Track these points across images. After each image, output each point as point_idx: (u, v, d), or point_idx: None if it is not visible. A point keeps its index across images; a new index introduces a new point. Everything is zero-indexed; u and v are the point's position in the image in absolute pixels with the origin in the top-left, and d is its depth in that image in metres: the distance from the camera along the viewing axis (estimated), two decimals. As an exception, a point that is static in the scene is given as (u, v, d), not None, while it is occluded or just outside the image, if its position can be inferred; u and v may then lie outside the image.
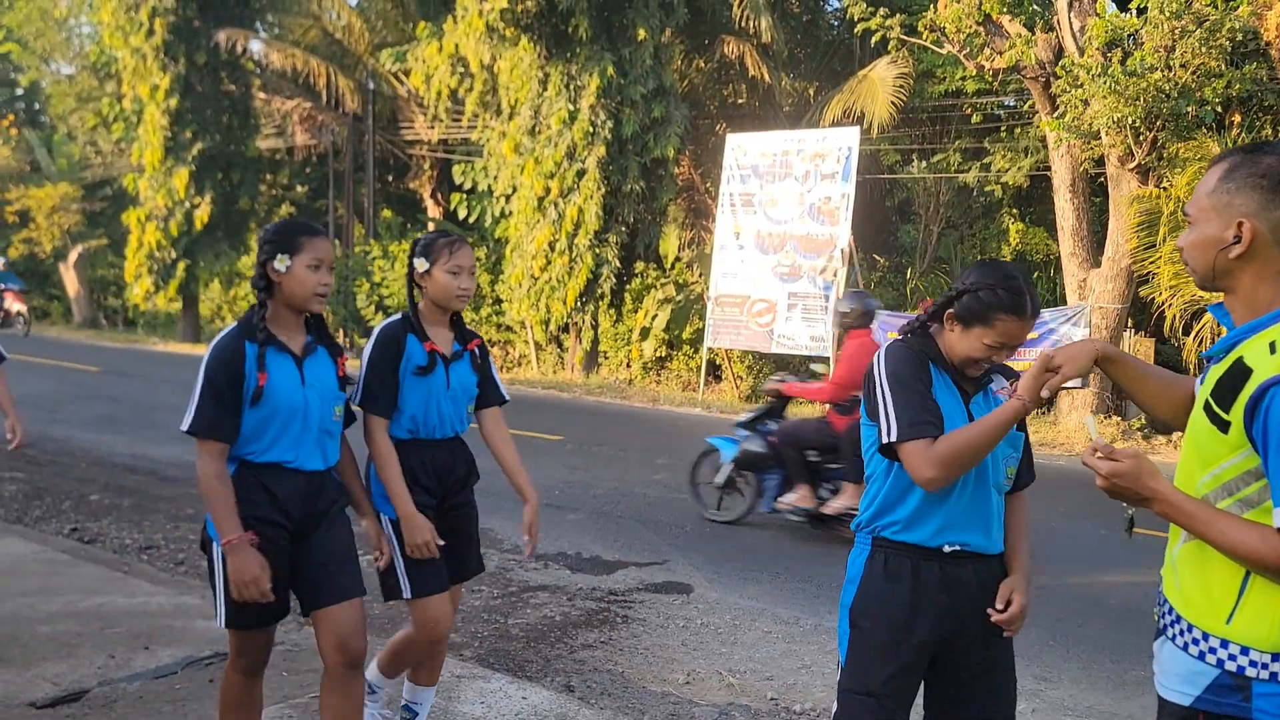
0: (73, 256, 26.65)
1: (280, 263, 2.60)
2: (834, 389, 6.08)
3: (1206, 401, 1.67)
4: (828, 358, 13.09)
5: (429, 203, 23.17)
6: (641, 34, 14.84)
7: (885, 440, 2.18)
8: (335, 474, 2.85)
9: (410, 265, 2.98)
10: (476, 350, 3.09)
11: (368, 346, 2.96)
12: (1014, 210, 16.18)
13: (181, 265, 21.90)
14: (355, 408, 2.94)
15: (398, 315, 3.03)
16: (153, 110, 21.06)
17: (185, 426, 2.58)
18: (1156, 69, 10.18)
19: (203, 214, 21.52)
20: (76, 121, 28.36)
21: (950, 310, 2.26)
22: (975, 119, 15.37)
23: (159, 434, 9.62)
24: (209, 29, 20.85)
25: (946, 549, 2.20)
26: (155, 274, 21.95)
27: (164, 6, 20.47)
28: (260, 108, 23.12)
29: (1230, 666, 1.62)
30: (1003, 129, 15.70)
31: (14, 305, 22.13)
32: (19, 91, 35.93)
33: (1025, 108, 14.59)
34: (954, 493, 2.20)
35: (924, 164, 16.37)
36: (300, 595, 2.73)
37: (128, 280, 22.66)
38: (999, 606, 2.23)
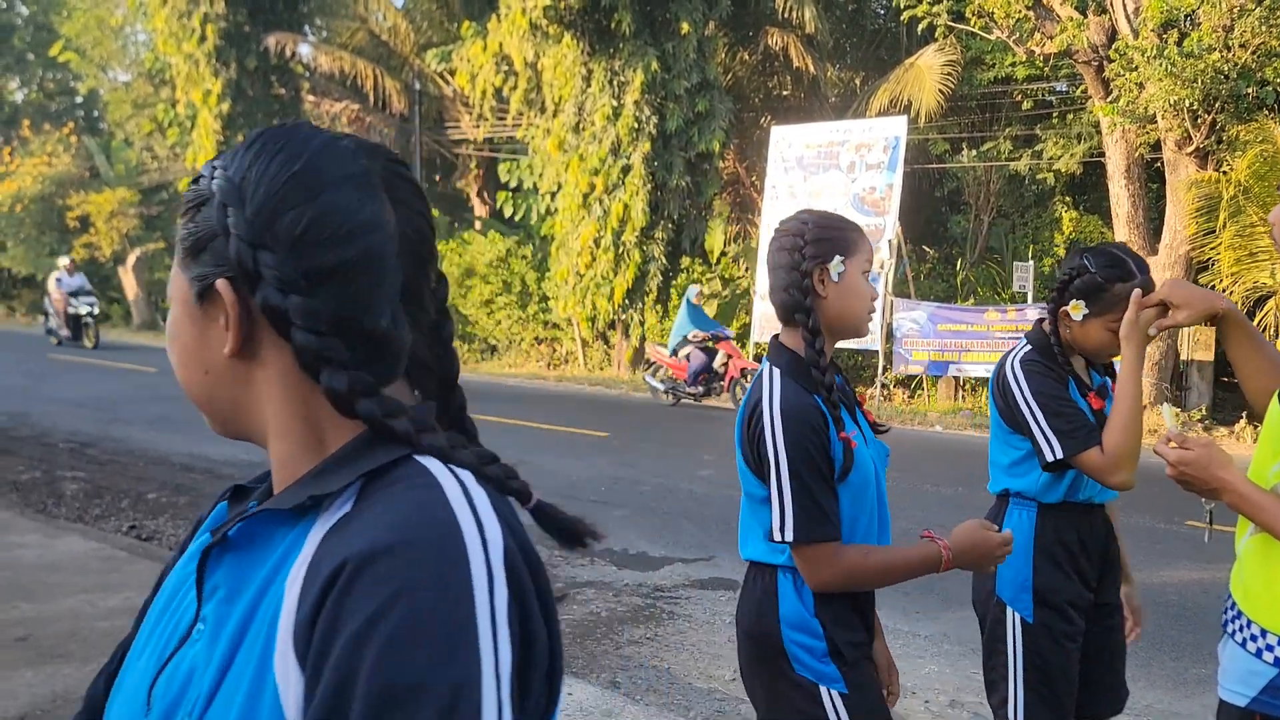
0: (131, 260, 27.29)
1: (835, 268, 1.82)
2: None
3: None
4: (876, 350, 12.94)
5: (475, 201, 23.36)
6: (685, 28, 14.78)
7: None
8: None
9: (1065, 294, 2.19)
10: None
11: (1019, 383, 2.18)
12: (1067, 198, 15.84)
13: (236, 267, 22.29)
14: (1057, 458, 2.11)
15: (1025, 346, 2.27)
16: (206, 115, 21.48)
17: (788, 535, 1.74)
18: (1215, 49, 9.89)
19: (255, 217, 21.87)
20: (133, 127, 29.02)
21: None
22: (1026, 105, 15.07)
23: (212, 433, 9.81)
24: (259, 34, 21.20)
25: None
26: (211, 276, 22.36)
27: (215, 12, 20.85)
28: (309, 110, 23.46)
29: None
30: (1055, 115, 15.38)
31: (732, 364, 12.71)
32: (78, 99, 36.93)
33: (1078, 93, 14.28)
34: None
35: (973, 152, 16.09)
36: None
37: (184, 282, 23.09)
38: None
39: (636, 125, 15.00)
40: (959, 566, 1.79)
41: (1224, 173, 10.61)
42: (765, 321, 13.83)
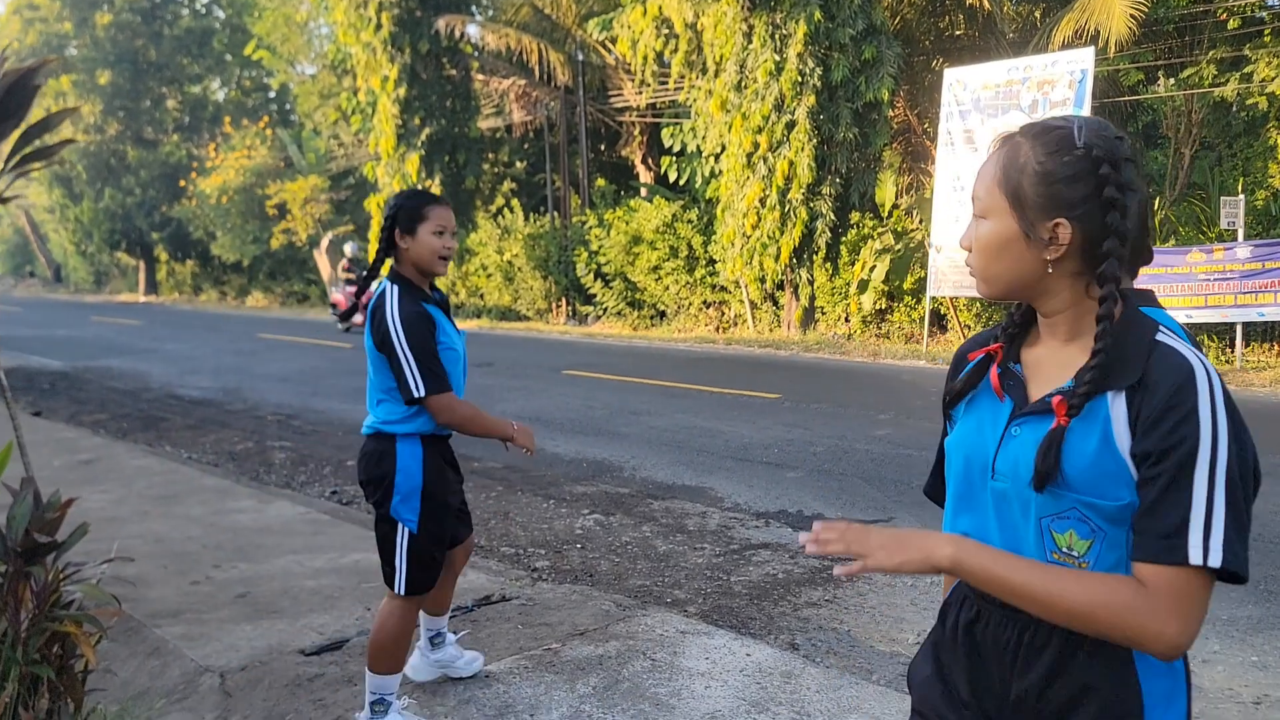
0: (324, 243, 29.07)
1: None
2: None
3: None
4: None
5: (640, 168, 23.48)
6: (848, -27, 14.24)
7: (415, 395, 2.81)
8: None
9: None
10: None
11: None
12: (1283, 124, 14.33)
13: (417, 245, 23.36)
14: None
15: None
16: (384, 100, 22.53)
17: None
18: None
19: (433, 195, 22.83)
20: (320, 117, 30.80)
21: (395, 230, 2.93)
22: (1232, 24, 13.70)
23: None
24: (429, 18, 22.01)
25: None
26: (395, 255, 23.55)
27: (389, 1, 21.79)
28: (479, 89, 24.19)
29: None
30: (1266, 33, 13.91)
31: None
32: (271, 94, 39.51)
33: (1295, 6, 12.85)
34: None
35: (1171, 81, 14.80)
36: None
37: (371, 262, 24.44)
38: None
39: (800, 79, 14.63)
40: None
41: None
42: (940, 275, 13.28)
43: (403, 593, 2.93)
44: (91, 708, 2.89)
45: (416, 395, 2.80)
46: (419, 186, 22.95)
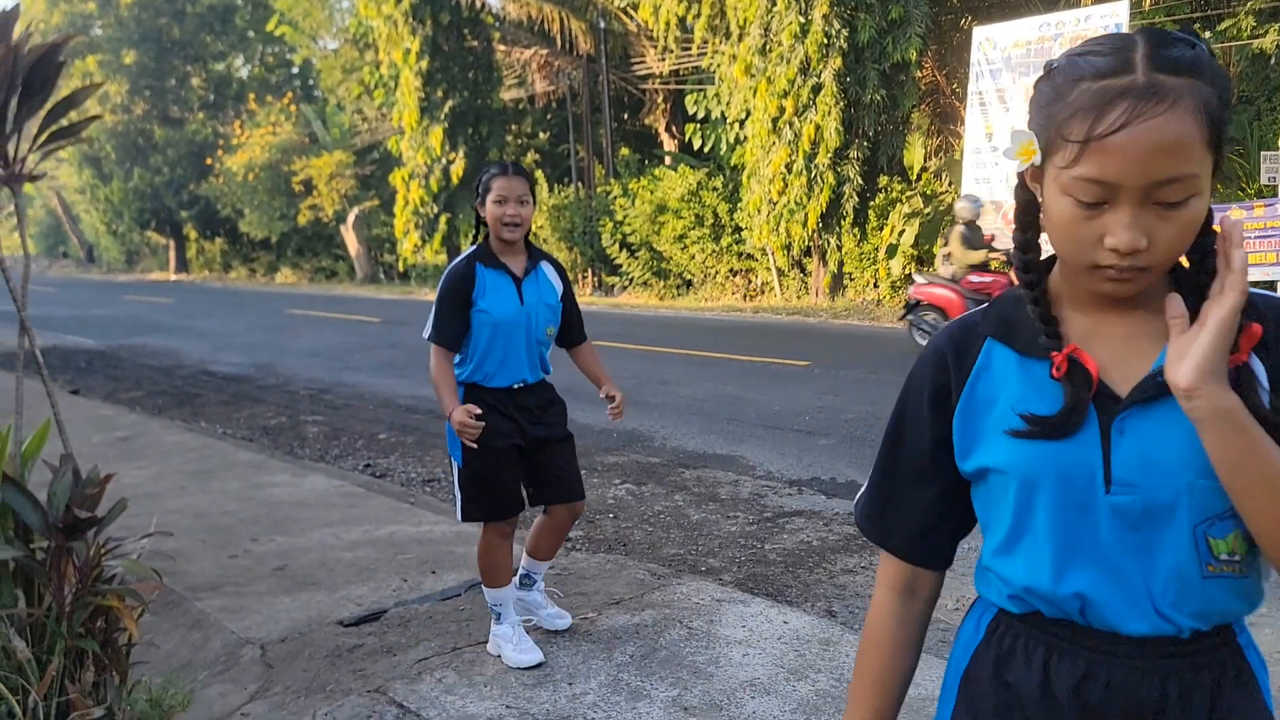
0: (351, 218, 29.18)
1: None
2: None
3: None
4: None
5: (664, 136, 23.31)
6: (873, -69, 13.96)
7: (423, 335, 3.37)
8: None
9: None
10: None
11: None
12: (1325, 76, 13.95)
13: (443, 219, 23.41)
14: None
15: None
16: (406, 74, 22.47)
17: None
18: None
19: (458, 168, 22.83)
20: (343, 92, 30.79)
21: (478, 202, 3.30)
22: (1272, -26, 13.31)
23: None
24: (450, -12, 21.89)
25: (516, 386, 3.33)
26: (421, 229, 23.61)
27: (407, -29, 21.68)
28: (501, 60, 24.07)
29: None
30: (1308, -18, 13.50)
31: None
32: (294, 70, 39.52)
33: (1338, -48, 12.46)
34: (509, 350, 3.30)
35: (1208, 33, 14.43)
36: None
37: (398, 236, 24.53)
38: (609, 402, 3.53)
39: (826, 40, 14.40)
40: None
41: None
42: (973, 238, 13.10)
43: (460, 519, 3.34)
44: (136, 680, 2.92)
45: (424, 335, 3.36)
46: (447, 160, 22.93)
